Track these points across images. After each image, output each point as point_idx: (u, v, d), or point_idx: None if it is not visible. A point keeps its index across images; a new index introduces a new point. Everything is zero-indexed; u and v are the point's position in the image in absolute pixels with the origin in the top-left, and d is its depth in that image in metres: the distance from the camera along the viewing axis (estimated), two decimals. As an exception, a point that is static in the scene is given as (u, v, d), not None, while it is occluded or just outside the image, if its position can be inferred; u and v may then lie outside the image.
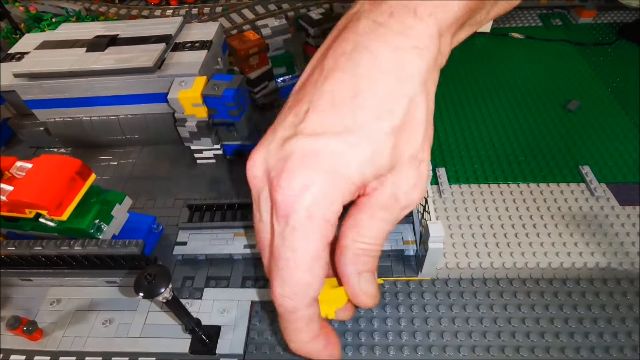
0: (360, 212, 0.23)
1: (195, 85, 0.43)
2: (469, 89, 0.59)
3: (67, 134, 0.52)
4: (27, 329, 0.34)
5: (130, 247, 0.33)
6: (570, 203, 0.43)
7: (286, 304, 0.23)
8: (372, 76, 0.21)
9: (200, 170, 0.50)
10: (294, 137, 0.22)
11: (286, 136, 0.22)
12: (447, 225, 0.42)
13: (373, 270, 0.25)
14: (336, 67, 0.22)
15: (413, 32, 0.21)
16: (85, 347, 0.34)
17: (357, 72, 0.22)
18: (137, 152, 0.53)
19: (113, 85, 0.47)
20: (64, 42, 0.50)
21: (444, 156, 0.49)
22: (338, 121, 0.21)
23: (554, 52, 0.65)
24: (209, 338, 0.33)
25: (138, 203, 0.46)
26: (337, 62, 0.22)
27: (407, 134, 0.22)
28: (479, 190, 0.45)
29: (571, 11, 0.74)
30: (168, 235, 0.42)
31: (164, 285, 0.26)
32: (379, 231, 0.24)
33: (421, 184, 0.23)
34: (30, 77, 0.48)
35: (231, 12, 0.79)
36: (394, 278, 0.37)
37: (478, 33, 0.70)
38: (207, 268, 0.39)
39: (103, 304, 0.37)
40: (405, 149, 0.22)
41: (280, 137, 0.22)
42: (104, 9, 0.85)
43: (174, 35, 0.50)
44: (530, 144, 0.50)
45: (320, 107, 0.22)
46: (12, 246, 0.34)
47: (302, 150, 0.21)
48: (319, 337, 0.25)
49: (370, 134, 0.21)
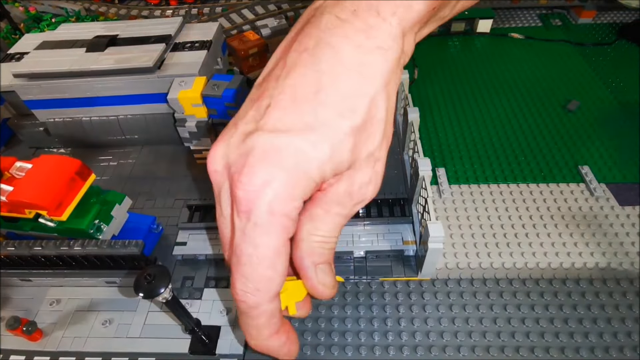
0: (316, 206, 0.23)
1: (195, 85, 0.43)
2: (468, 89, 0.59)
3: (66, 134, 0.52)
4: (27, 330, 0.34)
5: (130, 248, 0.33)
6: (570, 203, 0.43)
7: (248, 300, 0.23)
8: (335, 73, 0.21)
9: (200, 170, 0.50)
10: (255, 133, 0.21)
11: (247, 131, 0.22)
12: (447, 226, 0.42)
13: (329, 262, 0.25)
14: (298, 62, 0.22)
15: (377, 32, 0.21)
16: (85, 347, 0.34)
17: (319, 68, 0.21)
18: (136, 153, 0.53)
19: (113, 86, 0.47)
20: (63, 42, 0.50)
21: (443, 156, 0.49)
22: (299, 118, 0.21)
23: (553, 52, 0.65)
24: (208, 338, 0.33)
25: (138, 203, 0.46)
26: (300, 57, 0.22)
27: (367, 133, 0.22)
28: (478, 191, 0.45)
29: (571, 11, 0.74)
30: (168, 235, 0.42)
31: (164, 285, 0.26)
32: (334, 225, 0.24)
33: (375, 181, 0.24)
34: (29, 78, 0.48)
35: (231, 13, 0.78)
36: (394, 278, 0.37)
37: (478, 33, 0.70)
38: (206, 268, 0.39)
39: (103, 304, 0.37)
40: (364, 147, 0.22)
41: (242, 132, 0.22)
42: (103, 9, 0.85)
43: (174, 35, 0.50)
44: (530, 144, 0.50)
45: (281, 102, 0.21)
46: (12, 246, 0.34)
47: (264, 147, 0.21)
48: (279, 333, 0.25)
49: (331, 132, 0.21)
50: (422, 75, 0.62)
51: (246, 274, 0.22)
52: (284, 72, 0.22)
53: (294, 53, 0.22)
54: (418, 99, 0.58)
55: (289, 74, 0.22)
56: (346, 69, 0.21)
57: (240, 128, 0.22)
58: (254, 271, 0.22)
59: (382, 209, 0.42)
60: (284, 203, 0.21)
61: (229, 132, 0.23)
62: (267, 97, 0.22)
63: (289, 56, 0.22)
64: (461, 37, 0.70)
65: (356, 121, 0.21)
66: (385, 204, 0.42)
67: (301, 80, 0.21)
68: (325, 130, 0.21)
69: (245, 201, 0.21)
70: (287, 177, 0.21)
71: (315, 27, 0.22)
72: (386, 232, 0.40)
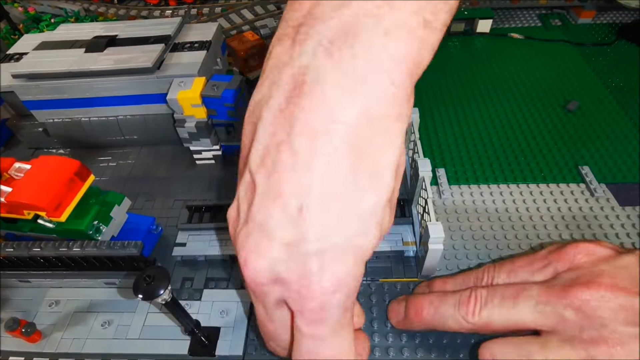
0: None
1: (195, 85, 0.43)
2: (468, 89, 0.59)
3: (66, 134, 0.52)
4: (26, 331, 0.34)
5: (129, 249, 0.33)
6: (570, 203, 0.43)
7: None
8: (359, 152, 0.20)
9: (199, 171, 0.49)
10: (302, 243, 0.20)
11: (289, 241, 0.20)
12: (447, 227, 0.42)
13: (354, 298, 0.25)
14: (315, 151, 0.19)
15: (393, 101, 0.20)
16: (84, 348, 0.34)
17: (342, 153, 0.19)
18: (136, 153, 0.53)
19: (112, 86, 0.47)
20: (62, 42, 0.50)
21: (443, 157, 0.49)
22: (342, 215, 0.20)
23: (553, 52, 0.65)
24: (208, 339, 0.33)
25: (137, 204, 0.46)
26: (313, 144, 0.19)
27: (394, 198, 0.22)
28: (478, 191, 0.45)
29: (570, 11, 0.74)
30: (167, 236, 0.42)
31: (163, 286, 0.26)
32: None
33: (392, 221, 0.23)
34: (28, 78, 0.48)
35: (230, 13, 0.78)
36: (394, 279, 0.37)
37: (477, 33, 0.70)
38: (206, 269, 0.39)
39: (102, 305, 0.37)
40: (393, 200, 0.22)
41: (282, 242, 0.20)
42: (102, 9, 0.84)
43: (173, 35, 0.50)
44: (530, 144, 0.50)
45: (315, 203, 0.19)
46: (11, 247, 0.34)
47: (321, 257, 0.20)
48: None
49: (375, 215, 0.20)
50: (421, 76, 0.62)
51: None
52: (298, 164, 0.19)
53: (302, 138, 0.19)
54: (418, 100, 0.57)
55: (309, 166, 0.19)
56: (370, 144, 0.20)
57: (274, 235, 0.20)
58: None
59: (382, 209, 0.42)
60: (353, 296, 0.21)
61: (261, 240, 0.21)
62: (290, 197, 0.19)
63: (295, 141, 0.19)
64: (461, 37, 0.70)
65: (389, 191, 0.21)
66: (385, 205, 0.42)
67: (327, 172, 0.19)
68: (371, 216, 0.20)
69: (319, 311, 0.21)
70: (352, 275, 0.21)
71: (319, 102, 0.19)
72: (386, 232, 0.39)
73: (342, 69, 0.19)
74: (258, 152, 0.21)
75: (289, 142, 0.19)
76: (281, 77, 0.20)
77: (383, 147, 0.20)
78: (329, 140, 0.19)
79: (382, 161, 0.20)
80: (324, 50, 0.19)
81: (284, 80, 0.20)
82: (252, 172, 0.21)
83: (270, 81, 0.21)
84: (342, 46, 0.19)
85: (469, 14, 0.70)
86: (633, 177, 0.45)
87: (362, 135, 0.19)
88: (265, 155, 0.20)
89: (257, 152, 0.21)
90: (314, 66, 0.19)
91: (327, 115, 0.19)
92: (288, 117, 0.20)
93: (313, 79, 0.19)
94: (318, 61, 0.19)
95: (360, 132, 0.19)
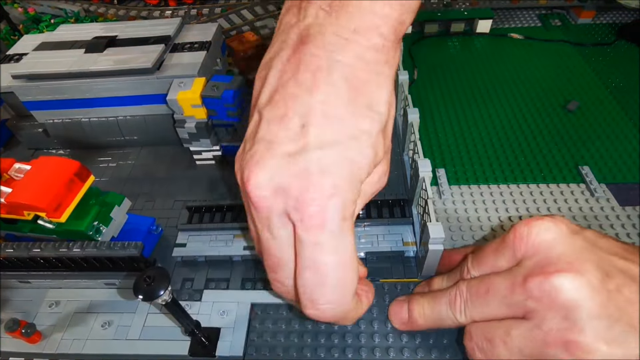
0: None
1: (195, 86, 0.43)
2: (468, 89, 0.59)
3: (65, 135, 0.52)
4: (26, 332, 0.34)
5: (130, 249, 0.33)
6: (570, 204, 0.43)
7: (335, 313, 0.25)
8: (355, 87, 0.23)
9: (199, 171, 0.49)
10: (303, 153, 0.22)
11: (290, 152, 0.23)
12: (447, 227, 0.41)
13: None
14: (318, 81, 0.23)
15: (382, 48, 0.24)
16: (84, 349, 0.34)
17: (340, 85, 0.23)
18: (136, 154, 0.53)
19: (112, 87, 0.47)
20: (62, 43, 0.50)
21: (443, 157, 0.49)
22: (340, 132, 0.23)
23: (553, 52, 0.65)
24: (208, 340, 0.33)
25: (137, 204, 0.46)
26: (316, 76, 0.23)
27: (387, 131, 0.25)
28: (478, 191, 0.45)
29: (570, 11, 0.74)
30: (167, 236, 0.42)
31: (163, 287, 0.26)
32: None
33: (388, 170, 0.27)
34: (28, 79, 0.48)
35: (230, 13, 0.78)
36: (394, 280, 0.37)
37: (477, 33, 0.70)
38: (206, 270, 0.39)
39: (102, 306, 0.37)
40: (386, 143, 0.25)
41: (283, 154, 0.23)
42: (102, 10, 0.85)
43: (173, 36, 0.50)
44: (530, 144, 0.50)
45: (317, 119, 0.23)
46: (11, 248, 0.34)
47: (319, 163, 0.22)
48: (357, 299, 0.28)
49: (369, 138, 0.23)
50: (421, 76, 0.62)
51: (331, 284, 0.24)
52: (303, 91, 0.23)
53: (306, 73, 0.23)
54: (418, 100, 0.58)
55: (312, 93, 0.23)
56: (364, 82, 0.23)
57: (277, 150, 0.23)
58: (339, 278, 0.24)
59: (382, 210, 0.42)
60: (350, 208, 0.23)
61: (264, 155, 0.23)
62: (294, 117, 0.23)
63: (301, 76, 0.23)
64: (460, 37, 0.70)
65: (383, 123, 0.24)
66: (385, 205, 0.42)
67: (327, 98, 0.23)
68: (366, 137, 0.23)
69: (319, 215, 0.22)
70: (348, 185, 0.23)
71: (320, 47, 0.23)
72: (386, 233, 0.40)
73: (339, 24, 0.23)
74: (266, 93, 0.24)
75: (295, 78, 0.23)
76: (289, 35, 0.24)
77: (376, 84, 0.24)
78: (329, 74, 0.23)
79: (375, 96, 0.24)
80: (323, 11, 0.23)
81: (291, 37, 0.24)
82: (260, 109, 0.24)
83: (280, 40, 0.25)
84: (338, 8, 0.23)
85: (468, 14, 0.70)
86: (633, 177, 0.45)
87: (358, 73, 0.23)
88: (273, 93, 0.24)
89: (265, 93, 0.24)
90: (316, 23, 0.23)
91: (328, 56, 0.23)
92: (294, 62, 0.23)
93: (316, 31, 0.23)
94: (319, 19, 0.23)
95: (356, 71, 0.23)
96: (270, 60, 0.25)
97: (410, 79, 0.59)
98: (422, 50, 0.67)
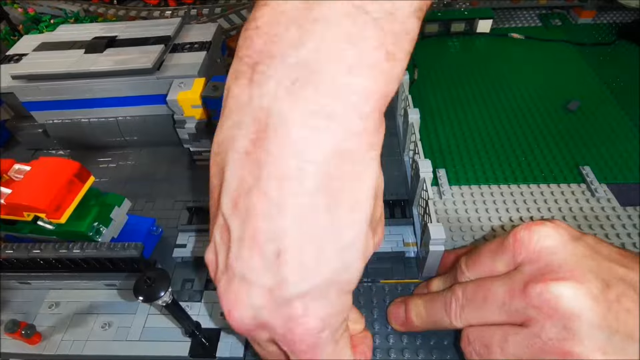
0: None
1: (195, 86, 0.43)
2: (468, 89, 0.59)
3: (65, 136, 0.52)
4: (26, 333, 0.34)
5: (130, 250, 0.33)
6: (571, 204, 0.43)
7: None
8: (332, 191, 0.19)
9: (199, 171, 0.49)
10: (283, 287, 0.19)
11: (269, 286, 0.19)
12: (448, 227, 0.41)
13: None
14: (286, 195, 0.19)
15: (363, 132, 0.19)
16: (84, 350, 0.34)
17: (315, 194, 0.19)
18: (136, 154, 0.53)
19: (112, 87, 0.47)
20: (62, 43, 0.50)
21: (444, 157, 0.49)
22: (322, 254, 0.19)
23: (553, 52, 0.65)
24: (208, 341, 0.33)
25: (137, 205, 0.46)
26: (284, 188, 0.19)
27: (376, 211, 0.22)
28: (479, 191, 0.45)
29: (571, 11, 0.74)
30: (167, 237, 0.42)
31: (164, 289, 0.26)
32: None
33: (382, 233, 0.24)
34: (28, 79, 0.48)
35: (230, 13, 0.78)
36: (395, 281, 0.37)
37: (478, 33, 0.70)
38: (206, 270, 0.39)
39: (102, 307, 0.37)
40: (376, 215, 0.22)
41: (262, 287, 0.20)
42: (102, 10, 0.84)
43: (173, 36, 0.50)
44: (530, 144, 0.50)
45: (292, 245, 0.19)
46: (11, 249, 0.34)
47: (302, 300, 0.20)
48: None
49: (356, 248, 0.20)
50: (422, 76, 0.62)
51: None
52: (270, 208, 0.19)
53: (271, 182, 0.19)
54: (418, 100, 0.58)
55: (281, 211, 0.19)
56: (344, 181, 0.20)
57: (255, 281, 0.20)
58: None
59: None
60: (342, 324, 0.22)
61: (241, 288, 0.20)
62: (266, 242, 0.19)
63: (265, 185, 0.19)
64: (461, 37, 0.70)
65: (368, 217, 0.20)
66: (385, 206, 0.42)
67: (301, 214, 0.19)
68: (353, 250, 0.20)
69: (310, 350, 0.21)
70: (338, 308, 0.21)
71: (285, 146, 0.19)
72: (387, 233, 0.39)
73: (307, 109, 0.18)
74: (228, 196, 0.20)
75: (259, 187, 0.19)
76: (243, 119, 0.20)
77: (357, 178, 0.19)
78: (300, 182, 0.18)
79: (358, 192, 0.20)
80: (285, 90, 0.18)
81: (246, 122, 0.20)
82: (226, 217, 0.21)
83: (232, 122, 0.20)
84: (305, 85, 0.18)
85: (469, 14, 0.70)
86: (634, 178, 0.45)
87: (334, 171, 0.19)
88: (236, 199, 0.20)
89: (227, 196, 0.20)
90: (276, 108, 0.19)
91: (295, 157, 0.18)
92: (255, 162, 0.19)
93: (277, 122, 0.18)
94: (280, 102, 0.18)
95: (332, 169, 0.19)
96: (224, 148, 0.21)
97: (411, 79, 0.59)
98: (422, 50, 0.67)
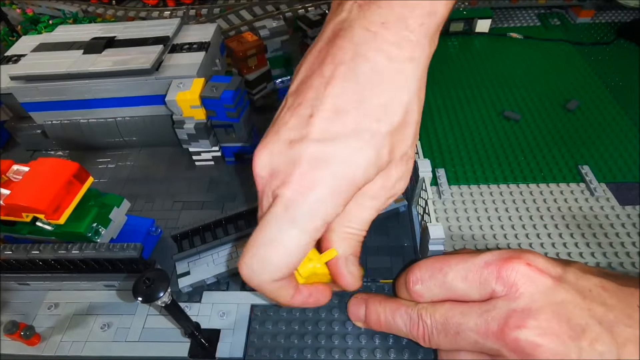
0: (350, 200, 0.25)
1: (194, 87, 0.43)
2: (468, 89, 0.59)
3: (64, 136, 0.52)
4: (25, 334, 0.34)
5: (129, 251, 0.33)
6: (570, 203, 0.43)
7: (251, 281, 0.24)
8: (373, 84, 0.23)
9: (199, 172, 0.49)
10: (301, 142, 0.23)
11: (292, 139, 0.23)
12: (447, 227, 0.41)
13: (357, 255, 0.27)
14: (337, 75, 0.23)
15: (407, 44, 0.23)
16: (83, 351, 0.34)
17: (358, 81, 0.23)
18: (135, 155, 0.53)
19: (110, 88, 0.47)
20: (61, 44, 0.50)
21: (443, 157, 0.49)
22: (344, 127, 0.23)
23: (552, 51, 0.65)
24: (208, 342, 0.33)
25: (136, 206, 0.46)
26: (337, 69, 0.23)
27: (402, 135, 0.24)
28: (478, 191, 0.45)
29: (569, 11, 0.74)
30: (167, 238, 0.42)
31: (163, 289, 0.26)
32: (365, 218, 0.26)
33: (407, 176, 0.27)
34: (27, 80, 0.48)
35: (229, 14, 0.78)
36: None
37: (477, 33, 0.70)
38: (206, 271, 0.39)
39: (101, 308, 0.37)
40: (400, 148, 0.25)
41: (285, 139, 0.23)
42: (101, 10, 0.84)
43: (172, 36, 0.50)
44: (529, 144, 0.50)
45: (324, 112, 0.23)
46: (9, 250, 0.34)
47: (312, 155, 0.22)
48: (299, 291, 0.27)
49: (374, 138, 0.23)
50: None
51: (258, 253, 0.24)
52: (322, 84, 0.23)
53: (330, 66, 0.24)
54: (417, 100, 0.58)
55: (328, 86, 0.23)
56: (383, 80, 0.23)
57: (283, 135, 0.24)
58: (267, 254, 0.23)
59: (382, 210, 0.41)
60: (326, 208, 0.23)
61: (272, 138, 0.24)
62: (307, 107, 0.23)
63: (325, 68, 0.24)
64: (460, 37, 0.70)
65: (394, 126, 0.23)
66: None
67: (341, 92, 0.23)
68: (369, 137, 0.23)
69: (290, 199, 0.23)
70: (334, 186, 0.23)
71: (348, 40, 0.24)
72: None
73: (369, 17, 0.23)
74: (296, 82, 0.25)
75: (320, 70, 0.24)
76: (325, 30, 0.26)
77: (395, 84, 0.23)
78: (350, 69, 0.23)
79: (392, 97, 0.23)
80: (357, 6, 0.24)
81: (327, 31, 0.25)
82: (288, 96, 0.25)
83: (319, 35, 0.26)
84: (370, 3, 0.24)
85: (467, 13, 0.70)
86: (633, 177, 0.45)
87: (378, 70, 0.23)
88: (300, 83, 0.25)
89: (295, 82, 0.26)
90: (349, 18, 0.24)
91: (353, 50, 0.23)
92: (323, 54, 0.24)
93: (347, 25, 0.24)
94: (352, 14, 0.24)
95: (378, 68, 0.23)
96: (308, 53, 0.26)
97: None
98: (421, 50, 0.67)
